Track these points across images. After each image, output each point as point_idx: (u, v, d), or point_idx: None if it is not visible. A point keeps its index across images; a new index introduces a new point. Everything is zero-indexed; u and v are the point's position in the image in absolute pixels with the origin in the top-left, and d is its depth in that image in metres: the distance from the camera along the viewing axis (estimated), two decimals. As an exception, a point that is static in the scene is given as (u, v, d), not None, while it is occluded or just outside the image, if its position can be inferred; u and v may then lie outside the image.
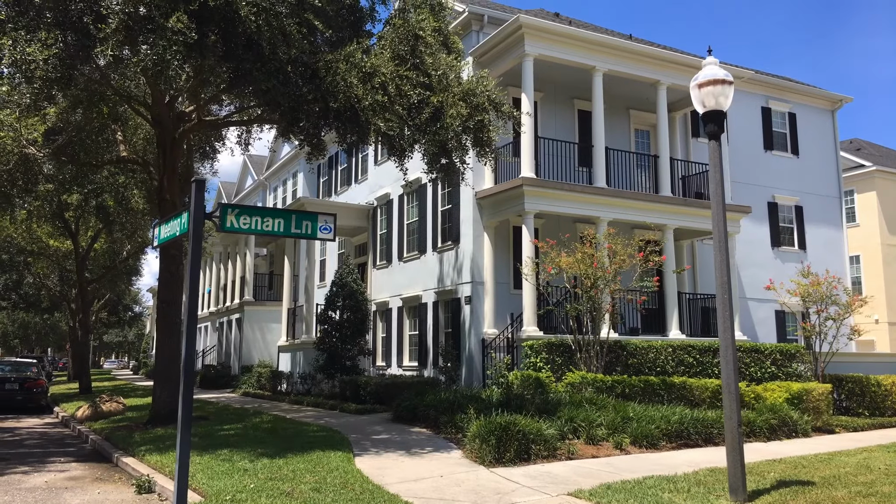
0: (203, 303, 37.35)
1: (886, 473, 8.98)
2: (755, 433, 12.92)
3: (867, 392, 17.30)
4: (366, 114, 10.41)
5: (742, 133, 22.92)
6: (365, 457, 10.06)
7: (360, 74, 10.55)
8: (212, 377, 27.90)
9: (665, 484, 8.08)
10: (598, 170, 17.60)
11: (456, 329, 18.32)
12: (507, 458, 9.45)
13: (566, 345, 14.91)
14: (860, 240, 33.83)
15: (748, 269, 21.76)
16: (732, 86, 8.02)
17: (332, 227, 5.81)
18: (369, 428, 13.34)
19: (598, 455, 10.53)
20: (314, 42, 11.87)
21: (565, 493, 7.74)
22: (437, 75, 12.14)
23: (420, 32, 11.83)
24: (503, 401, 12.88)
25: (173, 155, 14.65)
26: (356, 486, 7.73)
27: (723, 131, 8.14)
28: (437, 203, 19.84)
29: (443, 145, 11.56)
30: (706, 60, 8.22)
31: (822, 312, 17.16)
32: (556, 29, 17.14)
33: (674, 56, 18.68)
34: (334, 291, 20.50)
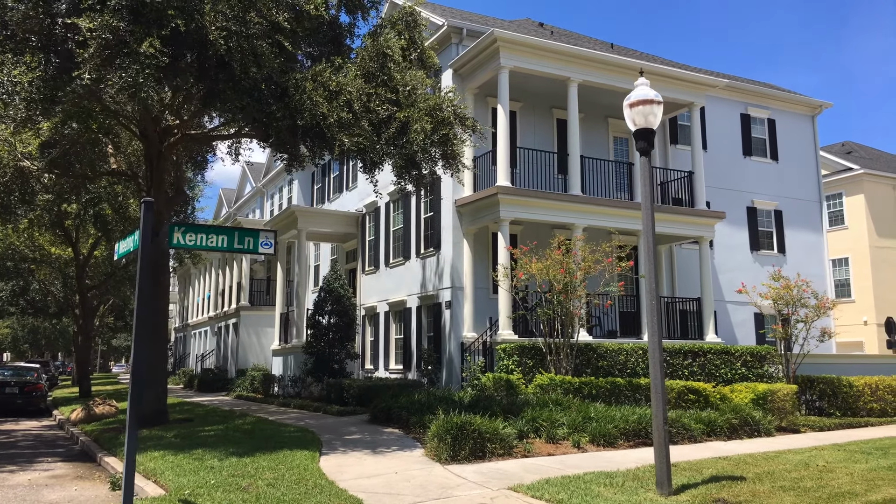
0: (202, 308, 38.05)
1: (821, 470, 9.46)
2: (715, 432, 13.38)
3: (839, 393, 17.72)
4: (331, 130, 11.00)
5: (721, 139, 23.42)
6: (330, 455, 10.62)
7: (325, 93, 11.13)
8: (208, 380, 28.57)
9: (603, 479, 8.60)
10: (573, 178, 18.14)
11: (437, 333, 18.89)
12: (461, 455, 9.99)
13: (538, 348, 15.45)
14: (849, 242, 34.22)
15: (727, 273, 22.24)
16: (661, 105, 8.56)
17: (272, 243, 6.37)
18: (344, 429, 13.91)
19: (555, 453, 11.05)
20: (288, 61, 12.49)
21: (505, 488, 8.28)
22: (406, 91, 12.74)
23: (387, 51, 12.40)
24: (473, 402, 13.45)
25: (159, 167, 15.27)
26: (310, 481, 8.30)
27: (652, 147, 8.67)
28: (420, 211, 20.43)
29: (410, 158, 12.13)
30: (638, 81, 8.76)
31: (791, 315, 17.62)
32: (530, 42, 17.70)
33: (647, 66, 19.19)
34: (322, 297, 21.10)
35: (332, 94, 11.21)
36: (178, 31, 10.21)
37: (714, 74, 23.48)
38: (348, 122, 11.14)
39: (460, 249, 18.47)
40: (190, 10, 10.40)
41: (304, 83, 11.12)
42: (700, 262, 19.66)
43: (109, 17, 10.13)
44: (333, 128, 11.03)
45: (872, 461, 10.39)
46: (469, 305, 18.01)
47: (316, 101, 10.86)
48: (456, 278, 18.37)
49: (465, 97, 19.13)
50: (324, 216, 24.91)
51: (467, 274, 18.23)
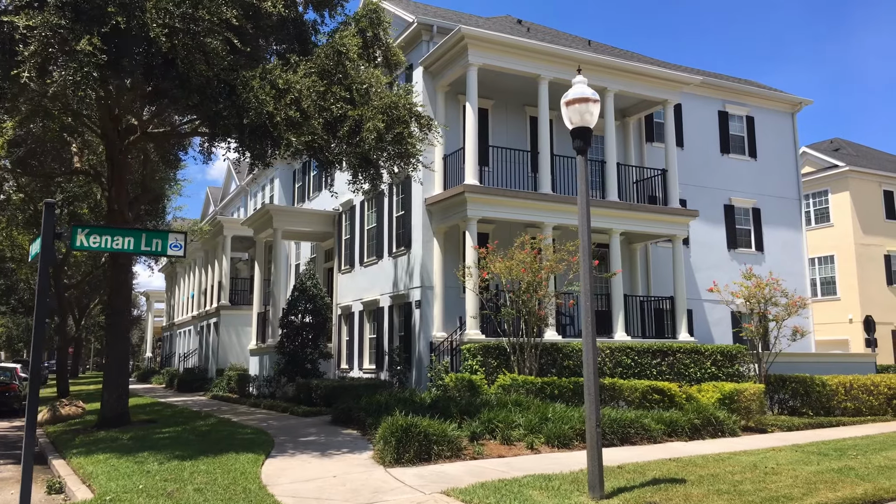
0: (187, 307, 37.94)
1: (766, 473, 9.34)
2: (677, 433, 13.28)
3: (811, 392, 17.61)
4: (278, 129, 10.86)
5: (698, 137, 23.28)
6: (277, 458, 10.51)
7: (273, 91, 10.99)
8: (188, 380, 28.47)
9: (540, 482, 8.48)
10: (543, 176, 18.00)
11: (408, 332, 18.77)
12: (406, 458, 9.87)
13: (502, 348, 15.33)
14: (834, 240, 34.09)
15: (704, 272, 22.11)
16: (597, 104, 8.43)
17: (182, 245, 6.25)
18: (303, 430, 13.80)
19: (506, 455, 10.93)
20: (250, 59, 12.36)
21: (439, 491, 8.16)
22: (363, 89, 12.61)
23: (341, 48, 12.26)
24: (433, 403, 13.34)
25: (120, 166, 15.14)
26: (240, 486, 8.18)
27: (589, 146, 8.52)
28: (393, 209, 20.30)
29: (364, 157, 11.99)
30: (575, 79, 8.62)
31: (762, 314, 17.51)
32: (499, 39, 17.55)
33: (617, 63, 19.05)
34: (295, 296, 20.98)
35: (281, 93, 11.07)
36: (119, 29, 10.07)
37: (690, 71, 23.31)
38: (297, 120, 10.99)
39: (430, 248, 18.34)
40: (131, 7, 10.27)
41: (251, 81, 10.98)
42: (674, 260, 19.53)
43: (50, 16, 9.99)
44: (281, 126, 10.89)
45: (824, 463, 10.27)
46: (439, 305, 17.89)
47: (262, 99, 10.72)
48: (426, 277, 18.25)
49: (435, 95, 19.03)
50: (300, 215, 24.78)
51: (437, 273, 18.10)
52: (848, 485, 8.52)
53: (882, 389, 18.39)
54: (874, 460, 10.59)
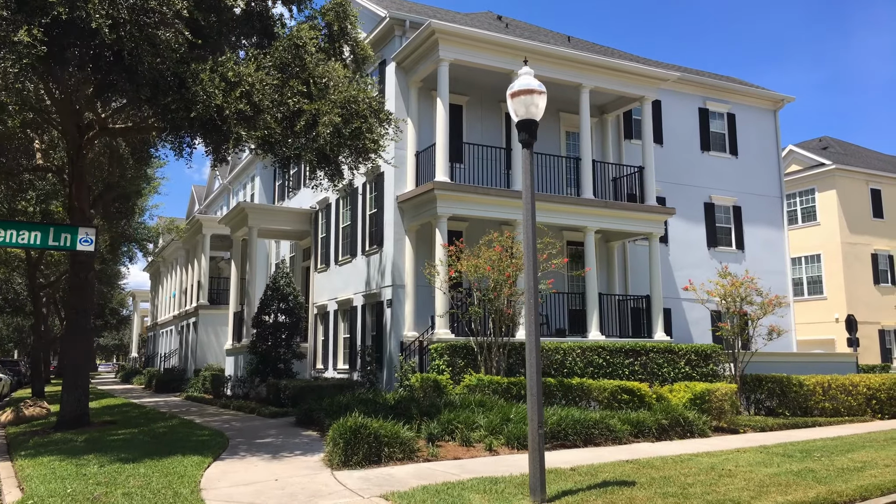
0: (169, 306, 37.63)
1: (721, 475, 9.08)
2: (644, 434, 13.03)
3: (788, 392, 17.39)
4: (228, 123, 10.58)
5: (678, 134, 23.04)
6: (225, 461, 10.23)
7: (222, 83, 10.71)
8: (165, 381, 28.17)
9: (486, 485, 8.22)
10: (516, 173, 17.75)
11: (379, 332, 18.50)
12: (354, 461, 9.59)
13: (470, 347, 15.07)
14: (821, 238, 33.91)
15: (683, 270, 21.86)
16: (543, 96, 8.17)
17: (92, 240, 6.00)
18: (264, 431, 13.52)
19: (463, 457, 10.66)
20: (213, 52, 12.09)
21: (377, 495, 7.89)
22: (323, 83, 12.34)
23: (298, 41, 11.99)
24: (395, 404, 13.08)
25: (80, 162, 14.83)
26: (172, 491, 7.90)
27: (535, 139, 8.27)
28: (366, 207, 20.03)
29: (320, 153, 11.72)
30: (521, 70, 8.36)
31: (737, 313, 17.27)
32: (470, 34, 17.28)
33: (595, 59, 18.79)
34: (269, 295, 20.70)
35: (231, 85, 10.79)
36: (59, 20, 9.78)
37: (668, 67, 23.06)
38: (248, 114, 10.71)
39: (402, 246, 18.07)
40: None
41: (200, 73, 10.69)
42: (650, 258, 19.28)
43: (-10, 6, 9.71)
44: (231, 120, 10.61)
45: (785, 465, 10.02)
46: (410, 304, 17.62)
47: (210, 91, 10.43)
48: (397, 276, 17.98)
49: (408, 91, 18.77)
50: (276, 213, 24.50)
51: (409, 272, 17.83)
52: (801, 488, 8.27)
53: (861, 390, 18.17)
54: (837, 462, 10.34)
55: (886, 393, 18.47)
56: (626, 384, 14.64)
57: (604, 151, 21.40)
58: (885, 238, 34.45)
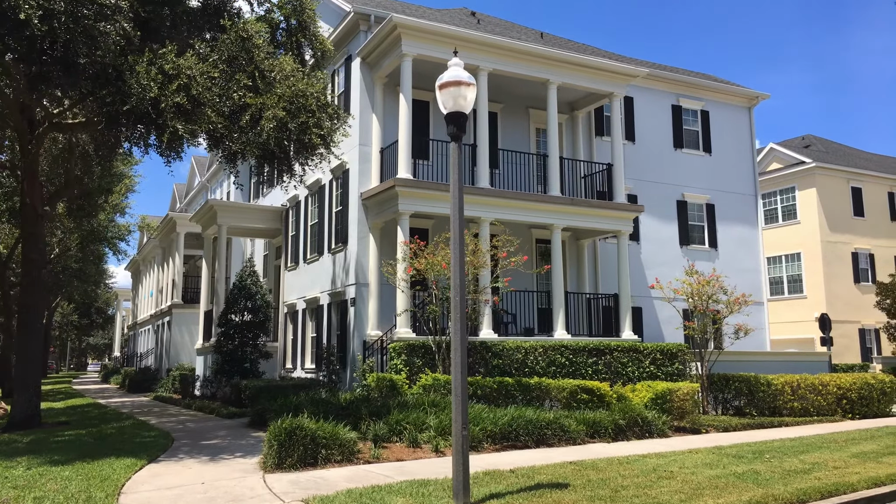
0: (147, 305, 37.33)
1: (661, 477, 8.89)
2: (600, 434, 12.84)
3: (756, 392, 17.22)
4: (164, 116, 10.32)
5: (650, 131, 22.85)
6: (161, 463, 9.99)
7: (158, 76, 10.45)
8: (138, 381, 27.88)
9: (414, 488, 8.00)
10: (481, 170, 17.52)
11: (344, 331, 18.27)
12: (288, 463, 9.36)
13: (428, 346, 14.84)
14: (801, 237, 33.78)
15: (655, 268, 21.66)
16: (473, 88, 7.96)
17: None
18: (214, 432, 13.29)
19: (406, 458, 10.44)
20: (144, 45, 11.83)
21: (300, 500, 7.66)
22: (271, 77, 12.10)
23: (243, 34, 11.74)
24: (347, 404, 12.85)
25: (32, 158, 14.55)
26: (86, 495, 7.66)
27: (464, 133, 8.05)
28: (333, 204, 19.78)
29: (264, 147, 11.47)
30: (451, 62, 8.16)
31: (704, 311, 17.10)
32: (433, 28, 17.03)
33: (561, 55, 18.56)
34: (234, 294, 20.42)
35: (169, 78, 10.53)
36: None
37: (639, 64, 22.84)
38: (186, 108, 10.45)
39: (366, 244, 17.83)
40: (3, -13, 9.71)
41: (137, 66, 10.43)
42: (618, 256, 19.08)
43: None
44: (168, 113, 10.35)
45: (732, 466, 9.83)
46: (374, 302, 17.38)
47: (145, 84, 10.17)
48: (360, 274, 17.74)
49: (373, 86, 18.52)
50: (246, 211, 24.23)
51: (373, 270, 17.59)
52: (737, 490, 8.07)
53: (831, 389, 18.01)
54: (786, 464, 10.16)
55: (857, 393, 18.31)
56: (585, 383, 14.43)
57: (574, 149, 21.19)
58: (865, 237, 34.36)
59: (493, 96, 19.61)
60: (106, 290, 62.66)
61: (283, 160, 12.34)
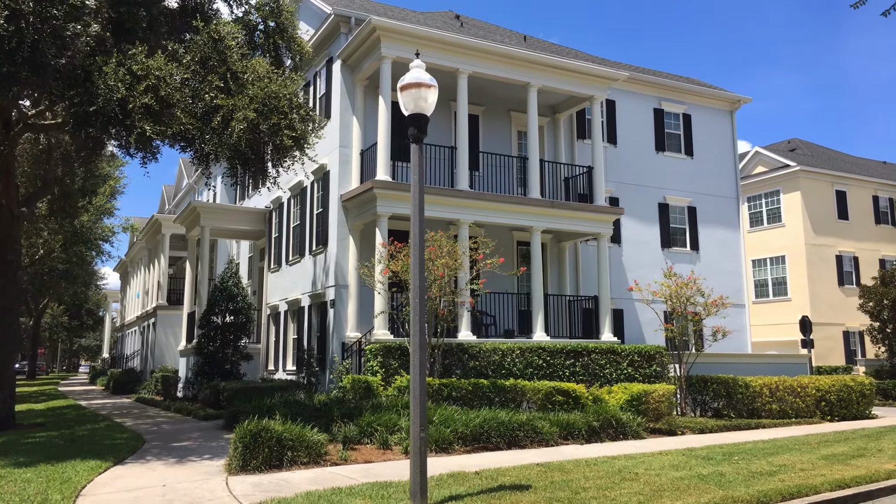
0: (134, 306, 37.22)
1: (623, 479, 8.90)
2: (573, 436, 12.86)
3: (734, 394, 17.27)
4: (132, 117, 10.30)
5: (633, 134, 22.91)
6: (127, 465, 9.96)
7: (127, 76, 10.43)
8: (122, 382, 27.79)
9: (375, 490, 8.00)
10: (460, 172, 17.53)
11: (324, 333, 18.25)
12: (252, 465, 9.34)
13: (405, 348, 14.83)
14: (786, 240, 33.91)
15: (636, 271, 21.70)
16: (434, 90, 7.97)
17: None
18: (186, 434, 13.26)
19: (375, 460, 10.44)
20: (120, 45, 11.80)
21: (258, 502, 7.65)
22: (244, 79, 12.09)
23: (214, 35, 11.73)
24: (321, 406, 12.84)
25: (6, 160, 14.49)
26: (42, 497, 7.64)
27: (425, 134, 8.06)
28: (314, 206, 19.76)
29: (235, 149, 11.46)
30: (413, 63, 8.17)
31: (681, 314, 17.15)
32: (412, 31, 17.05)
33: (541, 58, 18.60)
34: (216, 295, 20.37)
35: (137, 79, 10.51)
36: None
37: (620, 67, 22.89)
38: (155, 109, 10.43)
39: (345, 246, 17.82)
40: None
41: (105, 66, 10.41)
42: (598, 258, 19.12)
43: None
44: (136, 114, 10.33)
45: (698, 468, 9.85)
46: (353, 304, 17.37)
47: (112, 84, 10.15)
48: (340, 276, 17.72)
49: (354, 89, 18.52)
50: (229, 213, 24.20)
51: (352, 272, 17.58)
52: (697, 492, 8.09)
53: (810, 391, 18.07)
54: (754, 465, 10.19)
55: (836, 395, 18.38)
56: (561, 385, 14.45)
57: (556, 151, 21.24)
58: (850, 239, 34.51)
59: (475, 99, 19.65)
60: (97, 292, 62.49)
61: (255, 162, 12.32)
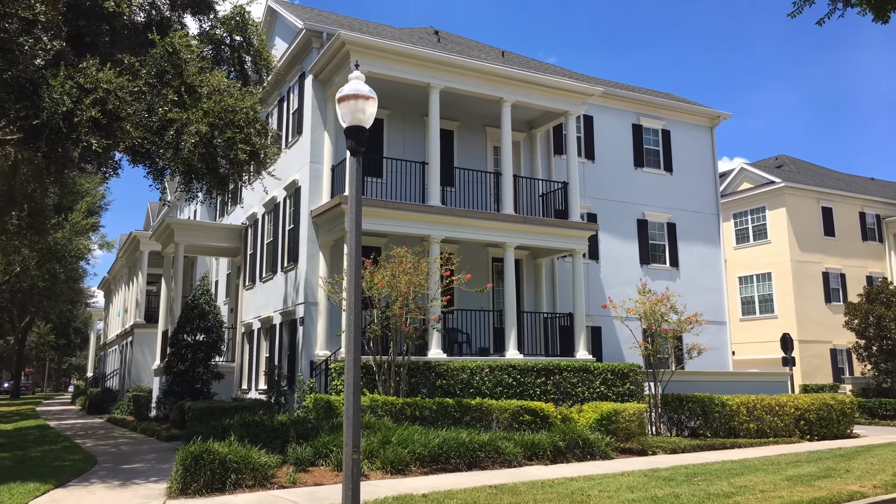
0: (116, 325, 36.86)
1: (573, 501, 8.64)
2: (538, 456, 12.56)
3: (710, 412, 17.00)
4: (78, 130, 10.11)
5: (611, 150, 22.79)
6: (68, 488, 9.68)
7: (74, 90, 10.25)
8: (97, 401, 27.40)
9: (311, 515, 7.71)
10: (431, 188, 17.34)
11: (293, 351, 17.96)
12: (193, 488, 9.06)
13: (369, 366, 14.56)
14: (772, 256, 33.72)
15: (615, 287, 21.47)
16: (372, 101, 7.77)
17: None
18: (140, 456, 12.96)
19: (325, 483, 10.14)
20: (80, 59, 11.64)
21: (186, 527, 7.36)
22: (202, 92, 11.92)
23: (169, 49, 11.57)
24: (279, 426, 12.55)
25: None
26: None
27: (363, 147, 7.85)
28: (286, 222, 19.55)
29: (187, 163, 11.26)
30: (352, 75, 7.97)
31: (655, 331, 16.92)
32: (382, 45, 16.93)
33: (514, 73, 18.49)
34: (187, 313, 20.09)
35: (85, 92, 10.33)
36: None
37: (596, 82, 22.78)
38: (102, 122, 10.24)
39: (315, 262, 17.59)
40: None
41: (52, 79, 10.23)
42: (573, 275, 18.89)
43: None
44: (83, 128, 10.13)
45: (655, 489, 9.58)
46: (323, 322, 17.10)
47: (57, 97, 9.97)
48: (310, 293, 17.47)
49: (325, 103, 18.38)
50: (205, 229, 23.95)
51: (322, 289, 17.32)
52: (644, 516, 7.81)
53: (788, 410, 17.81)
54: (714, 487, 9.91)
55: (815, 414, 18.12)
56: (529, 404, 14.15)
57: (533, 167, 21.09)
58: (836, 256, 34.34)
59: (450, 114, 19.53)
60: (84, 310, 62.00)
61: (210, 175, 12.10)
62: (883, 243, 36.50)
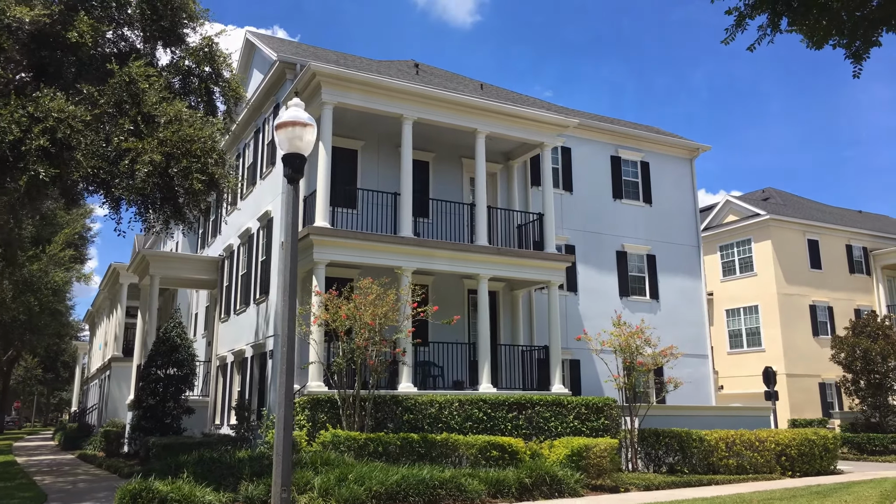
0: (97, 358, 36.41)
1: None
2: (503, 494, 12.24)
3: (687, 448, 16.66)
4: (26, 159, 9.96)
5: (589, 181, 22.71)
6: (2, 528, 9.30)
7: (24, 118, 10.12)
8: (73, 437, 26.88)
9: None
10: (403, 219, 17.18)
11: (263, 385, 17.63)
12: (130, 528, 8.71)
13: (333, 400, 14.23)
14: (758, 289, 33.51)
15: (593, 320, 21.16)
16: (311, 129, 7.67)
17: None
18: (93, 494, 12.63)
19: (275, 522, 9.76)
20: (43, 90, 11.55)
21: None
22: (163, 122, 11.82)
23: (125, 78, 11.49)
24: (236, 463, 12.21)
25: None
26: None
27: (300, 175, 7.72)
28: (259, 253, 19.35)
29: (141, 192, 11.10)
30: (291, 102, 7.88)
31: (630, 364, 16.64)
32: (353, 77, 16.91)
33: (488, 104, 18.47)
34: (158, 347, 19.75)
35: (36, 121, 10.20)
36: None
37: (571, 114, 22.69)
38: (51, 151, 10.10)
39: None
40: None
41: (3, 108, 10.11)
42: (549, 307, 18.64)
43: None
44: (31, 157, 9.99)
45: (613, 529, 9.24)
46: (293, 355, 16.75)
47: (4, 126, 9.83)
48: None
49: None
50: (181, 261, 23.75)
51: (292, 321, 17.02)
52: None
53: (769, 446, 17.48)
54: (676, 526, 9.58)
55: (797, 449, 17.79)
56: (497, 439, 13.82)
57: (510, 198, 20.98)
58: (823, 289, 34.13)
59: (425, 145, 19.47)
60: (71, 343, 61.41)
61: (167, 205, 11.94)
62: (871, 276, 36.33)
